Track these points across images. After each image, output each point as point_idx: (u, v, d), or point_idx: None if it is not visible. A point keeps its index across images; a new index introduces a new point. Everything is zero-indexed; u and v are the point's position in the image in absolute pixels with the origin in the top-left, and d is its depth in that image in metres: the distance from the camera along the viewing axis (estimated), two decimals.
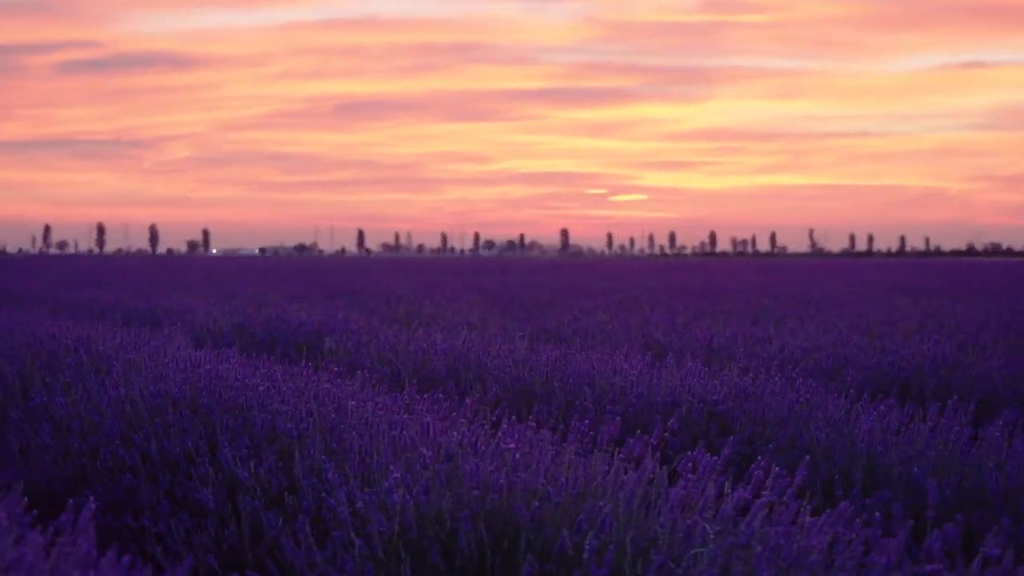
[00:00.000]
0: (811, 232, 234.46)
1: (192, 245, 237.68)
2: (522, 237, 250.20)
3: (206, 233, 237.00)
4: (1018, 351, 10.31)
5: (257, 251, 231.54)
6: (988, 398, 8.34)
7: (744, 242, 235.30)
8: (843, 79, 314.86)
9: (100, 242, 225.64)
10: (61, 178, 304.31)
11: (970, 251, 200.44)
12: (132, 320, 13.30)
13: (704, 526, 4.07)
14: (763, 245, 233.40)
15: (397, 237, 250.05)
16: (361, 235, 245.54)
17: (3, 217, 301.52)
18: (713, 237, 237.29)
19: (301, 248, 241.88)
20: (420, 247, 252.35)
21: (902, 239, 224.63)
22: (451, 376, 8.77)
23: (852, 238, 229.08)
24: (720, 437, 6.77)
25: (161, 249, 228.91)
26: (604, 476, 4.51)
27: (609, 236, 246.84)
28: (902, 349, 9.25)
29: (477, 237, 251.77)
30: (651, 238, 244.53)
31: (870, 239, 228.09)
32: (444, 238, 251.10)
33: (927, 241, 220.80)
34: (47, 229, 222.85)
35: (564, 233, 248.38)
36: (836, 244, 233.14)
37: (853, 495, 5.78)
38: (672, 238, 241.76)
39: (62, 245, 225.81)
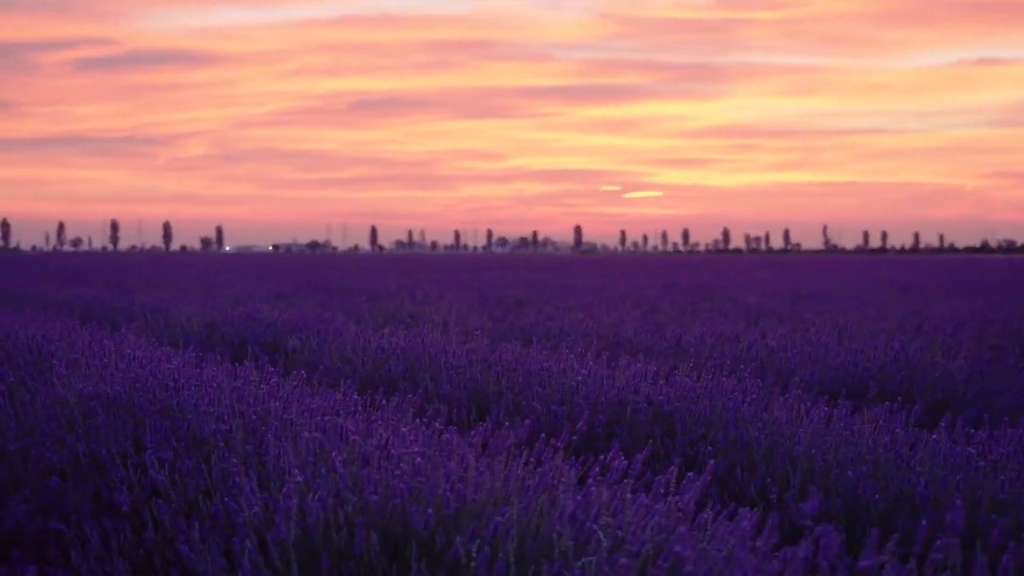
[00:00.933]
0: (825, 229, 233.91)
1: (205, 242, 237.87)
2: (535, 234, 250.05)
3: (219, 230, 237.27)
4: (991, 350, 10.18)
5: (270, 248, 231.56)
6: (948, 399, 8.23)
7: (758, 239, 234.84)
8: (858, 76, 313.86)
9: (114, 239, 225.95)
10: (75, 175, 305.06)
11: (984, 248, 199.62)
12: (108, 318, 13.22)
13: (599, 534, 3.97)
14: (777, 242, 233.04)
15: (410, 234, 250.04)
16: (374, 232, 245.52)
17: (18, 214, 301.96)
18: (727, 234, 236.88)
19: (314, 245, 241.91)
20: (433, 244, 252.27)
21: (916, 236, 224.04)
22: (407, 376, 8.68)
23: (866, 235, 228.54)
24: (665, 438, 6.67)
25: (175, 246, 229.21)
26: (506, 482, 4.40)
27: (622, 233, 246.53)
28: (868, 348, 9.12)
29: (490, 234, 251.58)
30: (664, 235, 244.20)
31: (884, 236, 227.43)
32: (457, 235, 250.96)
33: (941, 238, 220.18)
34: (61, 226, 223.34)
35: (577, 230, 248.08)
36: (850, 241, 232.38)
37: (786, 499, 5.68)
38: (686, 235, 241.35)
39: (76, 242, 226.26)
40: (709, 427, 6.64)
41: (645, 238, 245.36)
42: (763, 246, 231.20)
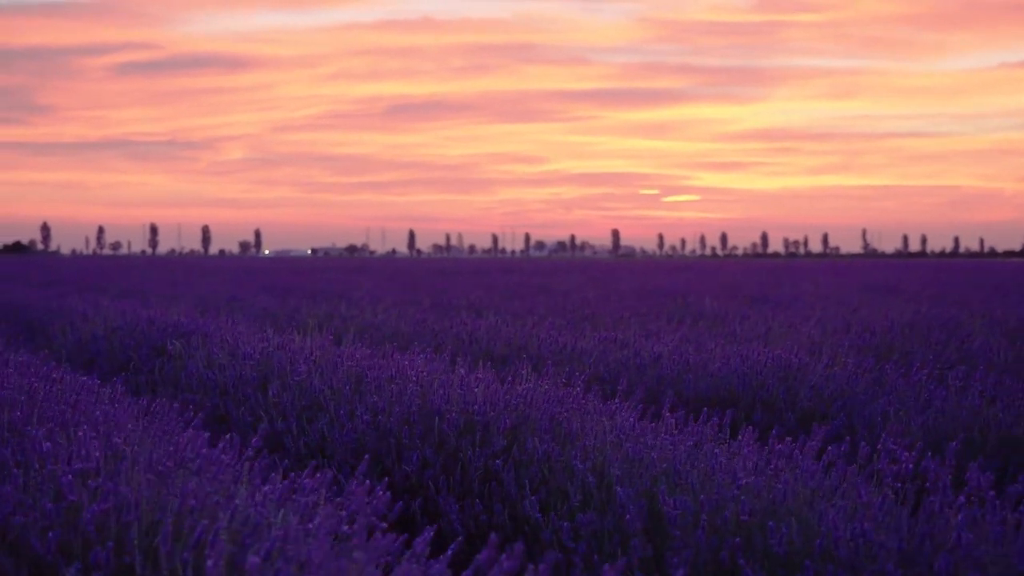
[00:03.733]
0: (864, 232, 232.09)
1: (244, 246, 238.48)
2: (573, 238, 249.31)
3: (258, 234, 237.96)
4: (896, 356, 9.76)
5: (309, 252, 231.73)
6: (814, 408, 7.82)
7: (796, 243, 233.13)
8: (898, 78, 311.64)
9: (153, 243, 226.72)
10: (116, 179, 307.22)
11: None
12: (20, 320, 12.99)
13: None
14: (815, 246, 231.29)
15: (448, 238, 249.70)
16: (412, 236, 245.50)
17: (59, 218, 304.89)
18: (765, 238, 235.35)
19: (352, 249, 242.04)
20: (471, 248, 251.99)
21: (956, 240, 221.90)
22: (259, 385, 8.36)
23: (905, 239, 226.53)
24: (472, 449, 6.31)
25: (213, 250, 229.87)
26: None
27: (660, 237, 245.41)
28: (753, 354, 8.70)
29: (528, 238, 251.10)
30: (703, 239, 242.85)
31: (923, 240, 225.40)
32: (495, 239, 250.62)
33: (981, 242, 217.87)
34: (100, 230, 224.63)
35: (615, 234, 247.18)
36: (889, 245, 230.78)
37: (551, 518, 5.31)
38: (724, 239, 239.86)
39: (116, 246, 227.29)
40: (514, 439, 6.27)
41: (683, 242, 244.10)
42: (801, 250, 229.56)
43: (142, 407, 6.16)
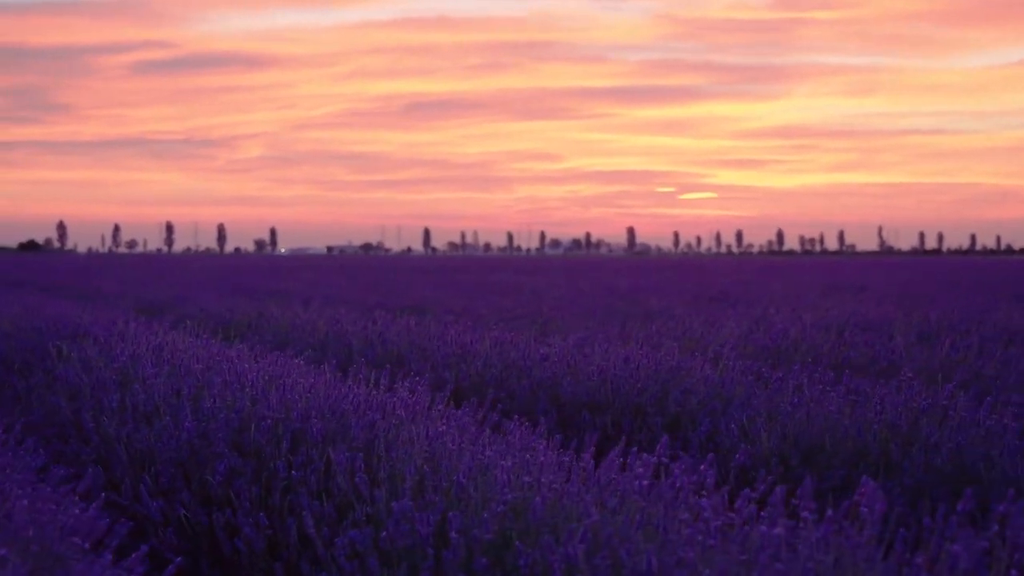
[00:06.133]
0: (880, 230, 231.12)
1: (260, 244, 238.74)
2: (588, 236, 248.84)
3: (273, 232, 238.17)
4: (800, 358, 9.44)
5: (325, 250, 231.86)
6: (680, 413, 7.53)
7: (812, 241, 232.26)
8: (916, 76, 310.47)
9: (169, 241, 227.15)
10: (132, 178, 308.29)
11: None
12: None
13: None
14: (831, 243, 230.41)
15: (463, 236, 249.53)
16: (427, 234, 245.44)
17: (75, 216, 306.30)
18: (780, 235, 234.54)
19: (367, 247, 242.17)
20: (487, 246, 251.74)
21: (972, 237, 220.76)
22: (117, 389, 8.11)
23: (922, 236, 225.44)
24: (279, 459, 6.03)
25: (229, 248, 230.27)
26: None
27: (676, 235, 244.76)
28: (637, 358, 8.40)
29: (543, 236, 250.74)
30: (718, 236, 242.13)
31: (940, 237, 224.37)
32: (511, 237, 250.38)
33: (998, 239, 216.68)
34: (116, 229, 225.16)
35: (631, 231, 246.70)
36: (906, 242, 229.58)
37: (324, 533, 5.02)
38: (739, 236, 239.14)
39: (131, 244, 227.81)
40: (324, 446, 5.98)
41: (699, 239, 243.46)
42: (817, 248, 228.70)
43: None
